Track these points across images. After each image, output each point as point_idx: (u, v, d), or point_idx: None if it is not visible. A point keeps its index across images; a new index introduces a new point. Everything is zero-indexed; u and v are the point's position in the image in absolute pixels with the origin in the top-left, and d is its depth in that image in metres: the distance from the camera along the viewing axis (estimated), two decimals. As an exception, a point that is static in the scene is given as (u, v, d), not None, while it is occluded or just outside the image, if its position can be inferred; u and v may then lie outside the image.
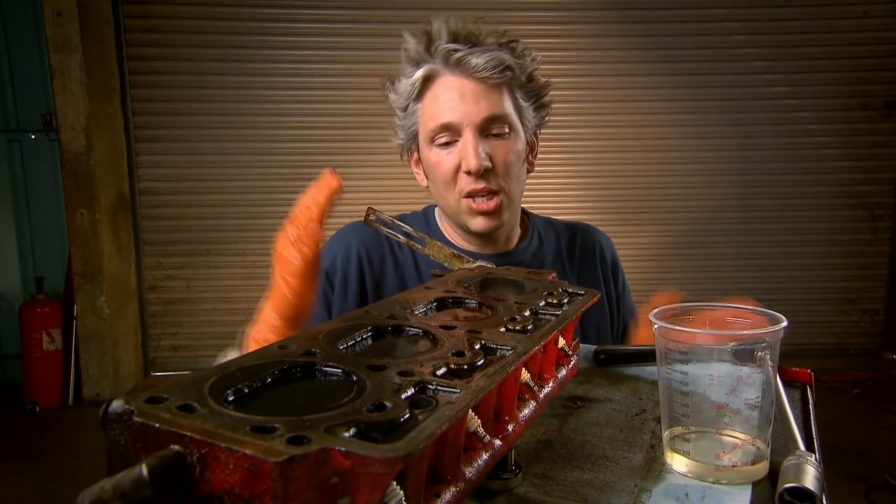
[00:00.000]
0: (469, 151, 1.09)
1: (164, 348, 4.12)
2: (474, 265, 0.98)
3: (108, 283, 3.88)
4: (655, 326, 0.67)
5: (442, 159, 1.13)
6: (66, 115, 3.73)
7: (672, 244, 4.24)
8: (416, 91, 1.14)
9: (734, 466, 0.63)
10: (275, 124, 3.98)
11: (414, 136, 1.20)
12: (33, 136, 4.12)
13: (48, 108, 3.98)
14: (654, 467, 0.67)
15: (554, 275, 0.87)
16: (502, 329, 0.60)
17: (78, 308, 3.88)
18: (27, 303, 3.91)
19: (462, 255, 1.06)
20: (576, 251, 1.32)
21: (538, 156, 1.27)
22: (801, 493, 0.58)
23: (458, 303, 0.73)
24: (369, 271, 1.22)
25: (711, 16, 4.05)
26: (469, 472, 0.48)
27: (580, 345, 0.80)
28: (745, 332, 0.66)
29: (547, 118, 1.25)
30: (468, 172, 1.10)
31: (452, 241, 1.24)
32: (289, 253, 0.82)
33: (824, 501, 0.59)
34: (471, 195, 1.13)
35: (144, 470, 0.33)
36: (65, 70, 3.67)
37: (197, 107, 3.95)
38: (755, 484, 0.63)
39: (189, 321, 4.10)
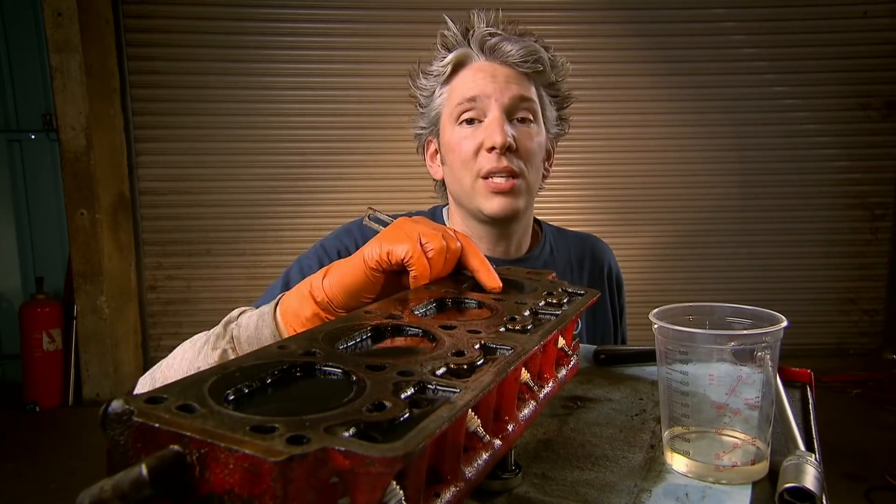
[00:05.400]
0: (494, 127, 1.08)
1: (164, 348, 4.12)
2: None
3: (108, 283, 3.88)
4: (655, 326, 0.67)
5: (464, 138, 1.12)
6: (66, 115, 3.73)
7: (672, 244, 4.24)
8: (446, 74, 1.14)
9: (734, 466, 0.63)
10: (275, 124, 3.98)
11: (435, 122, 1.19)
12: (33, 136, 4.13)
13: (48, 108, 3.99)
14: (654, 467, 0.67)
15: (554, 275, 0.87)
16: (502, 329, 0.60)
17: (78, 308, 3.88)
18: (27, 303, 3.92)
19: None
20: (585, 264, 1.32)
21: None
22: (801, 493, 0.58)
23: (459, 303, 0.73)
24: None
25: (711, 16, 4.06)
26: (469, 472, 0.48)
27: (580, 345, 0.80)
28: (745, 332, 0.66)
29: (564, 133, 1.26)
30: (491, 149, 1.09)
31: None
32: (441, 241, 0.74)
33: (824, 501, 0.59)
34: (490, 174, 1.11)
35: (144, 470, 0.33)
36: (65, 70, 3.68)
37: (197, 107, 3.95)
38: (755, 484, 0.63)
39: (189, 321, 4.10)
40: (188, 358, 0.82)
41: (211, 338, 0.81)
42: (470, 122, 1.12)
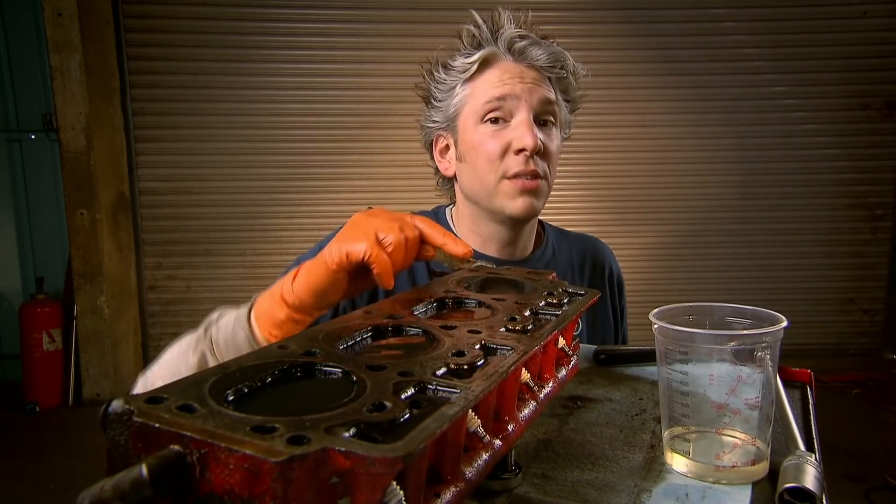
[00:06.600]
0: (525, 130, 1.09)
1: (164, 348, 4.09)
2: (475, 265, 0.97)
3: (108, 283, 3.88)
4: (655, 326, 0.67)
5: (489, 138, 1.11)
6: (66, 115, 3.73)
7: (672, 244, 4.24)
8: (471, 72, 1.13)
9: (734, 466, 0.63)
10: (275, 124, 3.98)
11: (453, 118, 1.17)
12: (33, 136, 4.12)
13: (48, 108, 3.98)
14: (654, 467, 0.67)
15: (554, 275, 0.87)
16: (502, 329, 0.60)
17: (78, 308, 3.88)
18: (27, 303, 3.91)
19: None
20: (586, 266, 1.33)
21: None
22: (801, 493, 0.58)
23: (459, 303, 0.73)
24: None
25: (711, 16, 4.05)
26: (469, 472, 0.48)
27: (580, 345, 0.80)
28: (745, 332, 0.66)
29: (568, 136, 1.26)
30: (520, 151, 1.09)
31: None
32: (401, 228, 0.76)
33: (824, 501, 0.59)
34: (516, 176, 1.11)
35: (144, 470, 0.33)
36: (65, 70, 3.68)
37: (197, 107, 3.95)
38: (755, 484, 0.63)
39: (189, 321, 4.06)
40: (172, 359, 0.84)
41: (192, 341, 0.83)
42: (495, 121, 1.12)
